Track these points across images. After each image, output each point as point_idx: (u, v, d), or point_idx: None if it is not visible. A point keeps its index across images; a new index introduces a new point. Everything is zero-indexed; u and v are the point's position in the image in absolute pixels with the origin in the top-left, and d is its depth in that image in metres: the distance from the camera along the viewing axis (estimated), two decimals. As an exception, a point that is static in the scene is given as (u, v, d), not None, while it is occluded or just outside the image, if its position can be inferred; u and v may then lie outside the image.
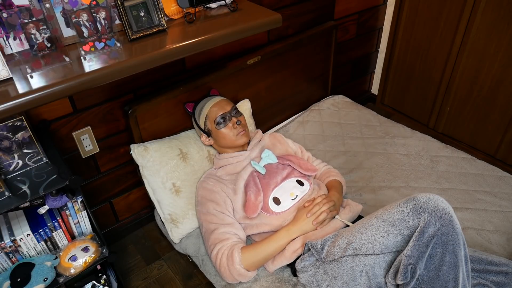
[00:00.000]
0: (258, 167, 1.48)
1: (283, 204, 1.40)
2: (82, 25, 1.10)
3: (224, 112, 1.49)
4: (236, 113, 1.53)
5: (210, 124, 1.51)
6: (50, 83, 0.97)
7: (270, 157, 1.52)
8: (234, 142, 1.51)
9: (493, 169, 1.75)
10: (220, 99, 1.54)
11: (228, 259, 1.30)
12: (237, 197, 1.43)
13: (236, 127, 1.49)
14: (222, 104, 1.52)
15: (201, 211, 1.45)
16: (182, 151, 1.57)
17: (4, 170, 1.21)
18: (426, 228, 1.02)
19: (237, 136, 1.50)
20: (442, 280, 1.04)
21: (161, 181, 1.54)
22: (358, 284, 1.16)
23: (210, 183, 1.49)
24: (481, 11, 1.89)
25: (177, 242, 1.61)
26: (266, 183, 1.44)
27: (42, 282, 1.27)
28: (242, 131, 1.50)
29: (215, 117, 1.49)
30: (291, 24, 1.96)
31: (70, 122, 1.50)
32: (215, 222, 1.39)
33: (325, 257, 1.20)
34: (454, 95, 2.16)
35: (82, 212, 1.41)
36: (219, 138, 1.52)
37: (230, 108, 1.51)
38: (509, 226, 1.48)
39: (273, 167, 1.50)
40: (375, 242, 1.10)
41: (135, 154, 1.50)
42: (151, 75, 1.61)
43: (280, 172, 1.48)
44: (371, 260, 1.12)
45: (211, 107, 1.51)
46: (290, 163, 1.52)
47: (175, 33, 1.23)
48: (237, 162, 1.51)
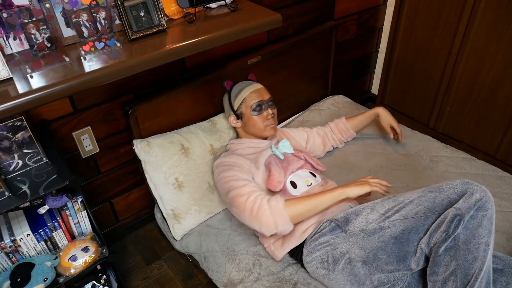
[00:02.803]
0: (278, 153, 1.51)
1: (299, 189, 1.44)
2: (82, 25, 1.10)
3: (261, 100, 1.51)
4: (271, 105, 1.55)
5: (245, 108, 1.53)
6: (50, 83, 0.97)
7: (287, 147, 1.55)
8: (262, 132, 1.54)
9: (493, 169, 1.75)
10: (260, 86, 1.56)
11: (270, 201, 1.26)
12: (258, 172, 1.45)
13: (269, 119, 1.52)
14: (262, 92, 1.54)
15: (225, 176, 1.39)
16: (183, 146, 1.57)
17: (4, 170, 1.22)
18: (474, 192, 1.09)
19: (267, 127, 1.53)
20: (476, 241, 1.07)
21: (163, 176, 1.54)
22: (386, 253, 1.17)
23: (232, 157, 1.48)
24: (481, 11, 1.89)
25: (178, 239, 1.61)
26: (284, 167, 1.48)
27: (42, 282, 1.27)
28: (273, 124, 1.53)
29: (252, 103, 1.51)
30: (291, 24, 1.96)
31: (70, 122, 1.50)
32: (243, 179, 1.37)
33: (352, 228, 1.22)
34: (454, 95, 2.16)
35: (82, 212, 1.41)
36: (249, 124, 1.54)
37: (268, 98, 1.54)
38: (509, 226, 1.48)
39: (289, 156, 1.54)
40: (420, 206, 1.14)
41: (138, 149, 1.50)
42: (151, 75, 1.61)
43: (295, 162, 1.52)
44: (412, 223, 1.14)
45: (250, 92, 1.53)
46: (305, 155, 1.56)
47: (175, 33, 1.23)
48: (256, 148, 1.55)
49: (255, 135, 1.56)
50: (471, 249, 1.07)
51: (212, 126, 1.67)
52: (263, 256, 1.44)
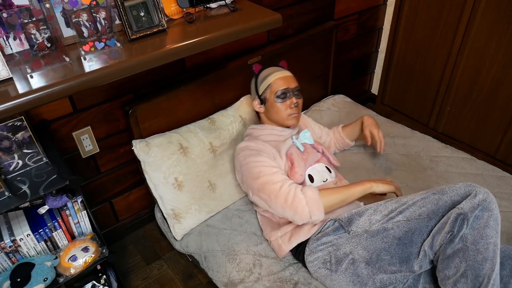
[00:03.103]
0: (298, 144, 1.49)
1: (315, 183, 1.45)
2: (82, 25, 1.10)
3: (287, 88, 1.48)
4: (297, 94, 1.51)
5: (269, 94, 1.50)
6: (50, 83, 0.97)
7: (308, 137, 1.53)
8: (284, 121, 1.51)
9: (493, 169, 1.75)
10: (288, 74, 1.53)
11: (305, 191, 1.29)
12: (281, 161, 1.44)
13: (292, 108, 1.49)
14: (289, 80, 1.50)
15: (254, 160, 1.39)
16: (182, 146, 1.57)
17: (4, 170, 1.22)
18: (477, 194, 1.09)
19: (289, 116, 1.50)
20: (485, 241, 1.06)
21: (163, 176, 1.54)
22: (389, 254, 1.17)
23: (257, 143, 1.47)
24: (481, 11, 1.89)
25: (179, 239, 1.61)
26: (304, 159, 1.47)
27: (42, 282, 1.27)
28: (296, 114, 1.51)
29: (277, 90, 1.48)
30: (291, 24, 1.96)
31: (70, 122, 1.50)
32: (274, 166, 1.39)
33: (355, 229, 1.23)
34: (454, 95, 2.16)
35: (82, 212, 1.41)
36: (272, 110, 1.51)
37: (294, 86, 1.50)
38: (509, 226, 1.48)
39: (308, 148, 1.52)
40: (423, 208, 1.14)
41: (137, 149, 1.50)
42: (151, 75, 1.61)
43: (314, 154, 1.52)
44: (415, 225, 1.14)
45: (277, 78, 1.50)
46: (322, 148, 1.56)
47: (175, 33, 1.23)
48: (280, 135, 1.53)
49: (277, 123, 1.54)
50: (480, 249, 1.06)
51: (211, 124, 1.67)
52: (263, 256, 1.44)
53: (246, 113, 1.74)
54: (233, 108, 1.74)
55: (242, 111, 1.74)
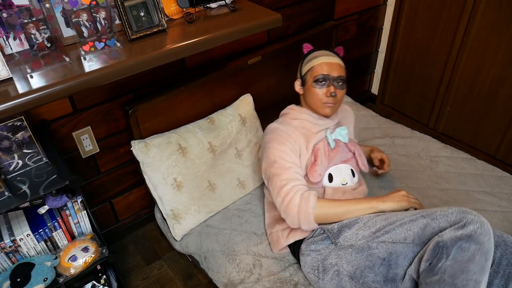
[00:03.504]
0: (330, 140, 1.43)
1: (333, 184, 1.40)
2: (82, 25, 1.10)
3: (328, 74, 1.39)
4: (339, 84, 1.41)
5: (309, 77, 1.43)
6: (50, 83, 0.97)
7: (343, 136, 1.46)
8: (318, 108, 1.43)
9: (492, 169, 1.75)
10: (335, 61, 1.42)
11: (302, 199, 1.25)
12: (306, 154, 1.40)
13: (328, 96, 1.39)
14: (334, 67, 1.40)
15: (276, 147, 1.37)
16: (181, 146, 1.57)
17: (4, 170, 1.21)
18: (467, 224, 1.00)
19: (323, 104, 1.41)
20: (465, 277, 0.98)
21: (162, 177, 1.54)
22: (373, 272, 1.14)
23: (289, 128, 1.42)
24: (481, 11, 1.89)
25: (178, 239, 1.61)
26: (331, 157, 1.41)
27: (42, 282, 1.27)
28: (332, 104, 1.41)
29: (318, 74, 1.40)
30: (291, 24, 1.96)
31: (70, 122, 1.50)
32: (290, 161, 1.34)
33: (342, 241, 1.21)
34: (454, 95, 2.16)
35: (82, 212, 1.41)
36: (308, 94, 1.44)
37: (337, 75, 1.40)
38: (509, 226, 1.48)
39: (340, 145, 1.45)
40: (410, 231, 1.09)
41: (136, 150, 1.50)
42: (151, 75, 1.61)
43: (344, 153, 1.45)
44: (400, 248, 1.11)
45: (321, 63, 1.41)
46: (355, 150, 1.49)
47: (175, 33, 1.23)
48: (315, 124, 1.46)
49: (312, 108, 1.46)
50: (458, 285, 0.98)
51: (210, 124, 1.67)
52: (263, 256, 1.44)
53: (245, 112, 1.74)
54: (232, 107, 1.74)
55: (242, 110, 1.74)
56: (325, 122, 1.47)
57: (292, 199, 1.26)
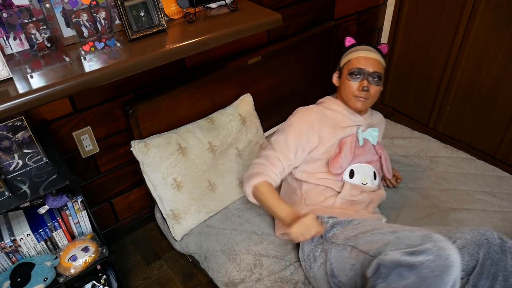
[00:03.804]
0: (360, 137, 1.43)
1: (353, 180, 1.41)
2: (82, 25, 1.10)
3: (363, 69, 1.40)
4: (374, 79, 1.40)
5: (345, 69, 1.45)
6: (50, 83, 0.97)
7: (373, 137, 1.45)
8: (348, 100, 1.45)
9: (492, 169, 1.75)
10: (374, 57, 1.42)
11: (250, 175, 1.40)
12: (328, 143, 1.40)
13: (361, 91, 1.40)
14: (371, 62, 1.40)
15: (290, 129, 1.43)
16: (181, 146, 1.57)
17: (4, 170, 1.21)
18: (420, 252, 0.95)
19: (354, 98, 1.42)
20: None
21: (162, 177, 1.54)
22: (345, 275, 1.17)
23: (316, 114, 1.44)
24: (481, 11, 1.89)
25: (178, 240, 1.61)
26: (356, 154, 1.42)
27: (42, 282, 1.27)
28: (363, 98, 1.41)
29: (353, 67, 1.41)
30: (291, 24, 1.96)
31: (70, 122, 1.50)
32: (289, 148, 1.40)
33: (330, 237, 1.25)
34: (454, 95, 2.16)
35: (82, 212, 1.41)
36: (342, 86, 1.46)
37: (373, 71, 1.40)
38: (508, 226, 1.48)
39: (368, 145, 1.46)
40: (374, 245, 1.09)
41: (136, 150, 1.50)
42: (151, 75, 1.61)
43: (370, 154, 1.45)
44: (363, 259, 1.11)
45: (359, 56, 1.42)
46: (382, 154, 1.49)
47: (175, 33, 1.23)
48: (347, 118, 1.46)
49: (344, 101, 1.47)
50: None
51: (210, 124, 1.67)
52: (264, 255, 1.44)
53: (245, 112, 1.74)
54: (232, 107, 1.74)
55: (241, 110, 1.74)
56: (357, 118, 1.47)
57: (249, 172, 1.42)
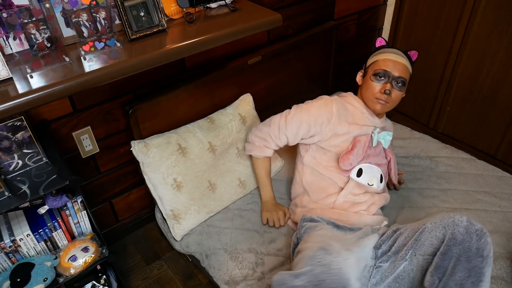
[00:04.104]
0: (375, 138, 1.43)
1: (360, 179, 1.40)
2: (82, 25, 1.10)
3: (389, 71, 1.39)
4: (398, 84, 1.40)
5: (370, 70, 1.44)
6: (50, 83, 0.97)
7: (387, 141, 1.47)
8: (368, 101, 1.45)
9: (493, 169, 1.75)
10: (402, 61, 1.41)
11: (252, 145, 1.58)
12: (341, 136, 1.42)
13: (382, 93, 1.40)
14: (398, 66, 1.40)
15: (299, 106, 1.49)
16: (181, 146, 1.57)
17: (4, 170, 1.21)
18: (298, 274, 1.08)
19: (375, 100, 1.42)
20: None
21: (162, 177, 1.54)
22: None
23: (335, 108, 1.44)
24: (481, 11, 1.89)
25: (178, 240, 1.61)
26: (367, 154, 1.42)
27: (42, 282, 1.27)
28: (383, 102, 1.41)
29: (379, 68, 1.41)
30: (291, 24, 1.96)
31: (70, 122, 1.50)
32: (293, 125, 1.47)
33: (299, 236, 1.33)
34: (454, 95, 2.16)
35: (82, 212, 1.41)
36: (364, 85, 1.47)
37: (398, 75, 1.39)
38: (509, 227, 1.48)
39: (380, 147, 1.47)
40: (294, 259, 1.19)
41: (136, 150, 1.50)
42: (151, 75, 1.61)
43: (379, 156, 1.46)
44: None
45: (386, 59, 1.41)
46: (392, 158, 1.51)
47: (175, 33, 1.23)
48: (365, 118, 1.47)
49: (364, 100, 1.47)
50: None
51: (210, 124, 1.67)
52: (266, 254, 1.44)
53: (246, 112, 1.74)
54: (232, 107, 1.74)
55: (241, 110, 1.74)
56: (374, 120, 1.48)
57: (257, 137, 1.56)
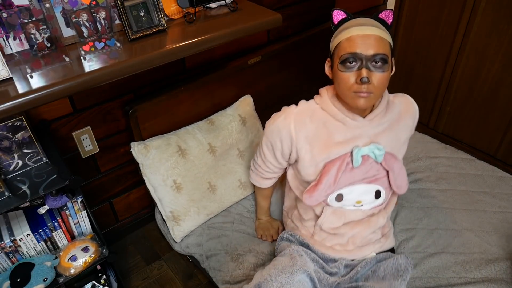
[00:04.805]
0: (355, 157, 1.10)
1: (342, 203, 1.18)
2: (82, 25, 1.10)
3: (357, 53, 1.00)
4: (377, 64, 1.01)
5: (336, 56, 1.07)
6: (50, 83, 0.97)
7: (378, 156, 1.11)
8: (346, 98, 1.07)
9: (492, 170, 1.75)
10: (373, 33, 1.02)
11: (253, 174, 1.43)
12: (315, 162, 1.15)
13: (359, 83, 1.01)
14: (370, 41, 1.00)
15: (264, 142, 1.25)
16: (180, 148, 1.57)
17: (4, 170, 1.21)
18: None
19: (353, 94, 1.03)
20: None
21: (161, 179, 1.54)
22: None
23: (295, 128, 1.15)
24: (481, 11, 1.89)
25: (178, 241, 1.61)
26: (347, 176, 1.13)
27: (42, 282, 1.27)
28: (365, 93, 1.02)
29: (345, 52, 1.02)
30: (291, 24, 1.96)
31: (70, 122, 1.50)
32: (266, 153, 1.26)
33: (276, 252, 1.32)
34: (454, 95, 2.16)
35: (82, 212, 1.41)
36: (335, 78, 1.09)
37: (373, 53, 1.00)
38: (508, 227, 1.48)
39: (369, 162, 1.13)
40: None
41: (135, 152, 1.50)
42: (151, 75, 1.61)
43: (371, 172, 1.15)
44: None
45: (351, 36, 1.03)
46: (390, 172, 1.16)
47: (175, 33, 1.23)
48: (343, 126, 1.12)
49: (342, 99, 1.10)
50: None
51: (210, 125, 1.67)
52: (266, 254, 1.44)
53: (245, 113, 1.74)
54: (232, 108, 1.74)
55: (241, 110, 1.74)
56: (358, 124, 1.11)
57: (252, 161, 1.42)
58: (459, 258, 1.38)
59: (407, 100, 1.24)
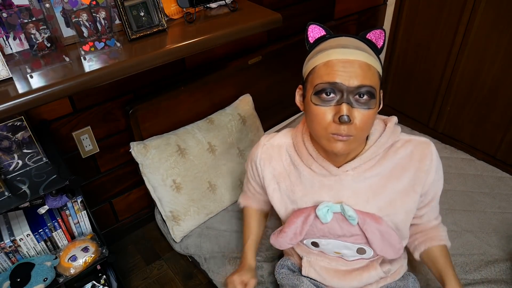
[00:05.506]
0: (323, 213, 0.91)
1: (321, 248, 1.02)
2: (82, 25, 1.10)
3: (339, 83, 0.79)
4: (361, 99, 0.80)
5: (310, 83, 0.86)
6: (50, 83, 0.97)
7: (352, 218, 0.91)
8: (320, 138, 0.85)
9: (492, 170, 1.74)
10: (359, 59, 0.81)
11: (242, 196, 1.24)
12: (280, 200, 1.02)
13: (337, 123, 0.80)
14: (353, 69, 0.79)
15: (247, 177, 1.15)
16: (180, 147, 1.57)
17: (4, 170, 1.21)
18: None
19: (329, 136, 0.82)
20: None
21: (161, 179, 1.54)
22: None
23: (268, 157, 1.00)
24: (481, 11, 1.89)
25: (178, 241, 1.61)
26: (317, 229, 0.96)
27: (42, 282, 1.27)
28: (342, 137, 0.81)
29: (321, 81, 0.82)
30: (291, 24, 1.95)
31: (70, 122, 1.50)
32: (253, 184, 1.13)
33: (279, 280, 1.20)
34: (454, 95, 2.16)
35: (82, 212, 1.41)
36: (307, 114, 0.88)
37: (357, 85, 0.79)
38: (508, 228, 1.48)
39: (341, 220, 0.93)
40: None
41: (135, 152, 1.50)
42: (151, 75, 1.61)
43: (346, 230, 0.94)
44: None
45: (332, 60, 0.82)
46: (370, 236, 0.93)
47: (175, 33, 1.23)
48: (315, 173, 0.94)
49: (315, 138, 0.89)
50: None
51: (209, 124, 1.67)
52: (265, 257, 1.44)
53: (245, 112, 1.74)
54: (231, 107, 1.74)
55: (241, 110, 1.74)
56: (331, 174, 0.92)
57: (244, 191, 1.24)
58: (459, 259, 1.37)
59: (424, 149, 0.93)
